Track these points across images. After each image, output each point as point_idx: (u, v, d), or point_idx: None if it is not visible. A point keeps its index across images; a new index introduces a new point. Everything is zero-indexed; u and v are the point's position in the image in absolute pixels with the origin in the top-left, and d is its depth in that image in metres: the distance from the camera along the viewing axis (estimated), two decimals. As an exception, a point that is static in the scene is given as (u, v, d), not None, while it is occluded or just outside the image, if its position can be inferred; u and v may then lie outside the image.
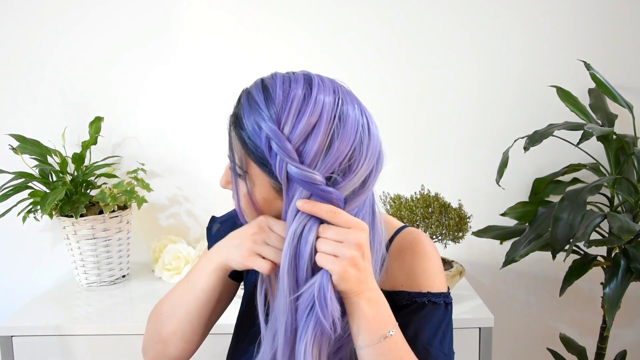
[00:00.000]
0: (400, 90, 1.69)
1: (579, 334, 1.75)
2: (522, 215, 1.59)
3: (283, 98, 0.70)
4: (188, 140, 1.70)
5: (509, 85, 1.68)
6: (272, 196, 0.73)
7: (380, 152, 0.75)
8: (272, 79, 0.73)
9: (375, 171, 0.74)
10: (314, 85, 0.71)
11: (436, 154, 1.71)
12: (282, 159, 0.68)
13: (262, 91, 0.71)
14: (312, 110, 0.69)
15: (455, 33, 1.66)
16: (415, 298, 0.82)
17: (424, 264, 0.83)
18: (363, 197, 0.74)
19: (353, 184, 0.71)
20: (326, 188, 0.69)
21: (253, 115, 0.70)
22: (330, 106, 0.70)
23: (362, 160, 0.71)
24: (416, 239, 0.85)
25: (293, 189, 0.70)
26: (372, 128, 0.74)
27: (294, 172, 0.68)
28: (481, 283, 1.76)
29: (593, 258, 1.40)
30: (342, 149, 0.69)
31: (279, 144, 0.68)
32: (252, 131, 0.70)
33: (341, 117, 0.70)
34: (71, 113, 1.69)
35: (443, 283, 0.85)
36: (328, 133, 0.69)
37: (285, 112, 0.69)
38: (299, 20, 1.65)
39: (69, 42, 1.67)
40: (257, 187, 0.74)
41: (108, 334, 1.32)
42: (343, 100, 0.71)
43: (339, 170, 0.70)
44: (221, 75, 1.68)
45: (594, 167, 1.51)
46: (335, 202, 0.70)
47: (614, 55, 1.67)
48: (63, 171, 1.52)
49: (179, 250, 1.60)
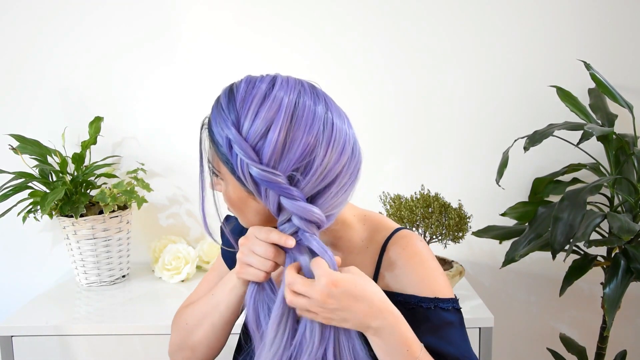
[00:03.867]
0: (400, 90, 1.69)
1: (579, 334, 1.75)
2: (522, 215, 1.59)
3: (245, 97, 0.71)
4: (188, 140, 1.70)
5: (509, 85, 1.68)
6: (244, 195, 0.75)
7: (351, 151, 0.74)
8: (240, 82, 0.75)
9: (346, 169, 0.73)
10: (277, 84, 0.72)
11: (436, 154, 1.71)
12: (242, 160, 0.70)
13: (228, 94, 0.73)
14: (269, 106, 0.70)
15: (455, 33, 1.66)
16: (421, 304, 0.81)
17: (419, 269, 0.82)
18: (340, 197, 0.74)
19: (316, 181, 0.71)
20: (288, 187, 0.70)
21: (217, 118, 0.72)
22: (289, 102, 0.70)
23: (323, 156, 0.71)
24: (408, 241, 0.84)
25: (264, 190, 0.72)
26: (337, 124, 0.73)
27: (255, 173, 0.70)
28: (481, 283, 1.76)
29: (593, 258, 1.40)
30: (300, 144, 0.69)
31: (237, 144, 0.70)
32: (217, 133, 0.72)
33: (299, 113, 0.70)
34: (71, 113, 1.69)
35: (448, 288, 0.84)
36: (285, 128, 0.69)
37: (245, 111, 0.71)
38: (299, 20, 1.65)
39: (69, 42, 1.67)
40: (230, 186, 0.76)
41: (108, 334, 1.32)
42: (305, 97, 0.72)
43: (302, 167, 0.70)
44: (221, 76, 1.68)
45: (594, 167, 1.51)
46: (298, 197, 0.71)
47: (614, 55, 1.67)
48: (63, 171, 1.52)
49: (178, 250, 1.60)
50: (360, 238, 0.87)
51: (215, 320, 0.86)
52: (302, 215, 0.72)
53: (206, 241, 1.68)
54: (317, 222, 0.73)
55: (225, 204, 0.80)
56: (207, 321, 0.87)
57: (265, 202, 0.73)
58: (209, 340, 0.88)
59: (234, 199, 0.77)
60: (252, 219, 0.79)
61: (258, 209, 0.76)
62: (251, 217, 0.79)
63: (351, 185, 0.76)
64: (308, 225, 0.73)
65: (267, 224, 0.79)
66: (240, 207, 0.77)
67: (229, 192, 0.77)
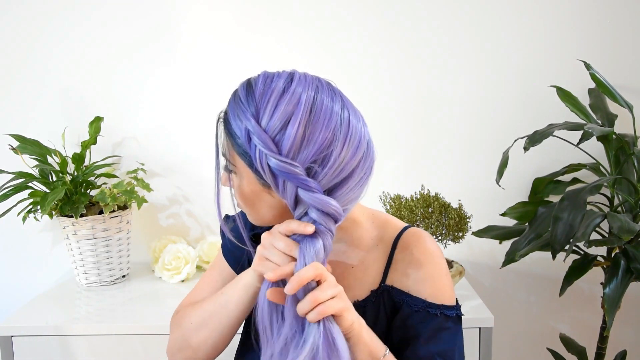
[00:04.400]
0: (400, 90, 1.69)
1: (579, 334, 1.75)
2: (522, 215, 1.59)
3: (263, 91, 0.72)
4: (188, 140, 1.70)
5: (509, 85, 1.68)
6: (258, 189, 0.75)
7: (367, 147, 0.75)
8: (257, 77, 0.76)
9: (361, 165, 0.74)
10: (295, 79, 0.74)
11: (436, 154, 1.71)
12: (261, 151, 0.70)
13: (246, 88, 0.74)
14: (288, 100, 0.71)
15: (455, 33, 1.66)
16: (428, 309, 0.82)
17: (431, 271, 0.84)
18: (355, 192, 0.75)
19: (333, 174, 0.72)
20: (306, 179, 0.71)
21: (236, 111, 0.73)
22: (307, 98, 0.71)
23: (340, 150, 0.71)
24: (420, 240, 0.86)
25: (282, 182, 0.72)
26: (353, 122, 0.74)
27: (274, 164, 0.70)
28: (481, 283, 1.76)
29: (593, 258, 1.40)
30: (318, 138, 0.70)
31: (257, 135, 0.70)
32: (235, 125, 0.73)
33: (317, 108, 0.71)
34: (71, 113, 1.69)
35: (453, 291, 0.85)
36: (304, 122, 0.70)
37: (264, 104, 0.71)
38: (299, 20, 1.65)
39: (69, 42, 1.67)
40: (244, 180, 0.76)
41: (108, 334, 1.32)
42: (322, 93, 0.73)
43: (320, 160, 0.71)
44: (221, 76, 1.68)
45: (594, 167, 1.51)
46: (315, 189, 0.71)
47: (614, 55, 1.67)
48: (63, 171, 1.52)
49: (178, 250, 1.60)
50: (370, 236, 0.88)
51: (223, 319, 0.86)
52: (319, 207, 0.72)
53: (206, 241, 1.68)
54: (334, 214, 0.73)
55: (236, 200, 0.79)
56: (214, 320, 0.86)
57: (283, 195, 0.73)
58: (214, 340, 0.88)
59: (247, 194, 0.77)
60: (264, 214, 0.79)
61: (272, 203, 0.76)
62: (264, 213, 0.78)
63: (366, 181, 0.77)
64: (325, 218, 0.73)
65: (280, 220, 0.79)
66: (253, 202, 0.77)
67: (242, 186, 0.76)
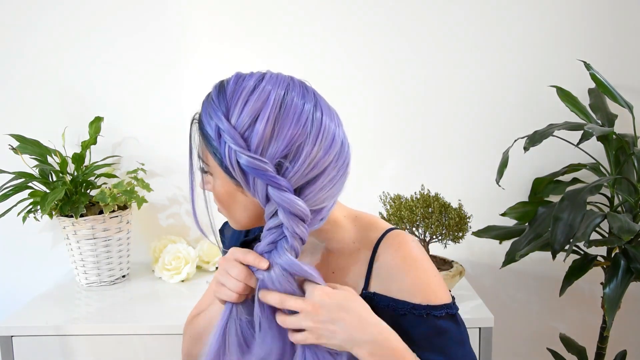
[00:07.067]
0: (400, 90, 1.69)
1: (579, 334, 1.75)
2: (522, 215, 1.59)
3: (234, 90, 0.74)
4: (188, 140, 1.70)
5: (509, 85, 1.68)
6: (232, 189, 0.76)
7: (340, 146, 0.75)
8: (230, 78, 0.77)
9: (334, 163, 0.74)
10: (266, 78, 0.74)
11: (436, 154, 1.71)
12: (231, 147, 0.71)
13: (218, 88, 0.76)
14: (257, 97, 0.72)
15: (454, 33, 1.66)
16: (414, 311, 0.78)
17: (413, 274, 0.79)
18: (328, 191, 0.74)
19: (305, 171, 0.72)
20: (276, 176, 0.71)
21: (208, 110, 0.75)
22: (277, 95, 0.72)
23: (312, 147, 0.71)
24: (402, 243, 0.81)
25: (252, 179, 0.72)
26: (326, 120, 0.74)
27: (243, 160, 0.70)
28: (481, 283, 1.76)
29: (593, 258, 1.40)
30: (287, 134, 0.71)
31: (227, 132, 0.71)
32: (207, 124, 0.74)
33: (287, 104, 0.72)
34: (71, 113, 1.69)
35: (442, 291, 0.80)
36: (272, 118, 0.71)
37: (234, 102, 0.72)
38: (299, 21, 1.65)
39: (69, 42, 1.66)
40: (218, 181, 0.76)
41: (108, 334, 1.32)
42: (293, 91, 0.73)
43: (290, 155, 0.71)
44: (220, 76, 1.68)
45: (594, 167, 1.51)
46: (285, 187, 0.71)
47: (614, 55, 1.67)
48: (63, 171, 1.52)
49: (178, 250, 1.60)
50: (351, 239, 0.85)
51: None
52: (286, 207, 0.71)
53: (206, 241, 1.68)
54: (301, 215, 0.72)
55: (216, 204, 0.80)
56: (206, 335, 0.87)
57: (254, 194, 0.73)
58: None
59: (222, 195, 0.77)
60: (240, 216, 0.78)
61: (247, 204, 0.76)
62: (239, 214, 0.78)
63: (339, 180, 0.76)
64: (292, 218, 0.72)
65: (256, 223, 0.79)
66: (228, 204, 0.77)
67: (217, 187, 0.77)
